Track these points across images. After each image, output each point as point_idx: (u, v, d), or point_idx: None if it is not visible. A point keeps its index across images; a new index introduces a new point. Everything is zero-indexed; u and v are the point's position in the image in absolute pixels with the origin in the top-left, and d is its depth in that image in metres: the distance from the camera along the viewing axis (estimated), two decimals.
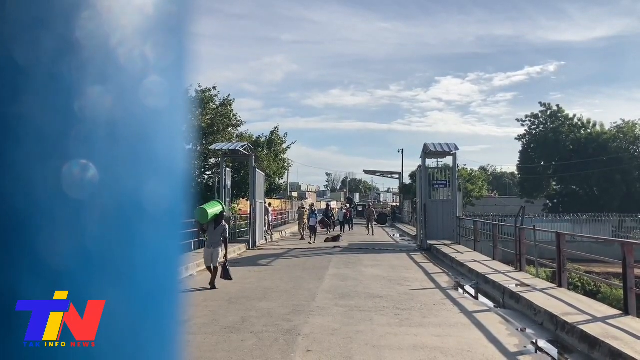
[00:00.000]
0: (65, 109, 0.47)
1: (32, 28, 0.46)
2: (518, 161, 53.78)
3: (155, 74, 0.53)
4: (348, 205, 39.13)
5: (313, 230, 22.71)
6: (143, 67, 0.52)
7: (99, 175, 0.48)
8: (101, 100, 0.49)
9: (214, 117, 25.72)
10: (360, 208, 46.72)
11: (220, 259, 10.63)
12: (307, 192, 77.35)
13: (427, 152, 19.60)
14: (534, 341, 6.85)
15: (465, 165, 47.13)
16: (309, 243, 21.09)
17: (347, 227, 30.18)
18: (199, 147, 24.76)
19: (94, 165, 0.48)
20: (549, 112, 50.53)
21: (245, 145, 20.96)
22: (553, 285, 9.77)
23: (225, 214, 11.69)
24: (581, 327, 6.39)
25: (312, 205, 31.60)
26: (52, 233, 0.46)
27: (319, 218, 28.69)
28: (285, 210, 41.38)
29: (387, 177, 63.66)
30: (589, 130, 48.57)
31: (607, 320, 6.70)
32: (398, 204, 56.56)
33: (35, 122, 0.46)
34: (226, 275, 10.61)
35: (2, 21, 0.45)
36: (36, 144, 0.46)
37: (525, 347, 6.52)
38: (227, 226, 11.31)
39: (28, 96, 0.46)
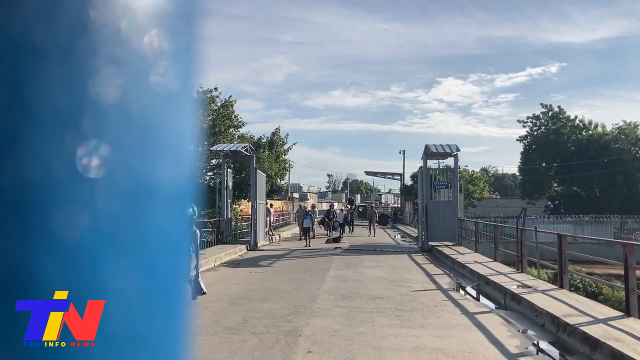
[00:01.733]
0: (79, 90, 0.48)
1: (49, 8, 0.46)
2: (519, 162, 53.73)
3: (165, 63, 0.54)
4: (349, 206, 38.16)
5: (307, 232, 21.38)
6: (154, 56, 0.52)
7: (110, 164, 0.49)
8: (114, 86, 0.49)
9: (215, 118, 25.74)
10: (361, 209, 46.68)
11: (192, 271, 8.52)
12: (308, 193, 77.39)
13: (428, 153, 19.59)
14: (536, 342, 6.84)
15: (466, 166, 47.11)
16: (305, 246, 20.07)
17: (347, 229, 28.61)
18: (200, 148, 24.74)
19: (105, 153, 0.49)
20: (550, 114, 50.49)
21: (246, 146, 20.96)
22: (554, 286, 9.77)
23: (195, 217, 9.47)
24: (583, 328, 6.38)
25: (313, 206, 31.47)
26: (52, 232, 0.46)
27: (319, 218, 28.25)
28: (286, 211, 41.37)
29: (389, 178, 63.67)
30: (590, 132, 48.52)
31: (609, 322, 6.68)
32: (399, 205, 56.56)
33: (53, 102, 0.47)
34: (197, 292, 8.54)
35: (20, 4, 0.45)
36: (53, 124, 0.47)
37: (526, 348, 6.52)
38: (198, 233, 9.14)
39: (45, 76, 0.46)
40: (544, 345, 6.72)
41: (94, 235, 0.48)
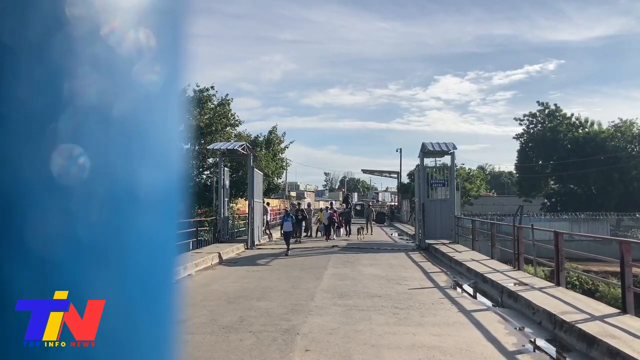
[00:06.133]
0: (54, 91, 0.47)
1: (19, 7, 0.45)
2: (516, 160, 53.86)
3: (149, 62, 0.53)
4: (345, 205, 35.19)
5: (287, 237, 17.36)
6: (137, 55, 0.52)
7: (91, 166, 0.48)
8: (94, 87, 0.48)
9: (212, 116, 25.70)
10: (358, 207, 46.59)
11: None
12: (305, 192, 77.37)
13: (425, 152, 19.60)
14: (533, 340, 6.86)
15: (463, 164, 47.29)
16: (286, 254, 16.61)
17: (343, 231, 25.13)
18: (197, 147, 24.73)
19: (86, 156, 0.48)
20: (547, 111, 50.61)
21: (243, 144, 20.94)
22: (551, 284, 9.78)
23: None
24: (579, 325, 6.40)
25: (309, 204, 31.23)
26: (43, 230, 0.46)
27: (314, 219, 27.03)
28: (283, 209, 41.38)
29: (386, 176, 63.72)
30: (586, 130, 48.66)
31: (605, 319, 6.70)
32: (396, 204, 56.62)
33: (24, 104, 0.45)
34: None
35: None
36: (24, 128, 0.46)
37: (523, 346, 6.53)
38: None
39: (15, 77, 0.45)
40: (540, 342, 6.74)
41: (79, 240, 0.48)
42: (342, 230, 25.21)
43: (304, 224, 23.13)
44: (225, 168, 21.38)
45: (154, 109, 0.54)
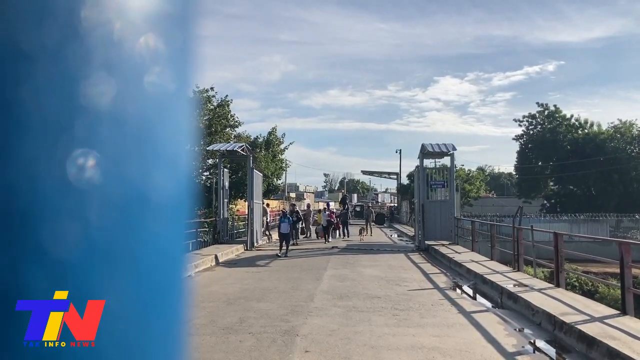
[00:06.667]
0: (70, 98, 0.47)
1: (37, 15, 0.46)
2: (515, 161, 53.83)
3: (159, 66, 0.53)
4: (342, 207, 30.90)
5: (284, 238, 16.96)
6: (147, 59, 0.52)
7: (104, 169, 0.48)
8: (106, 91, 0.49)
9: (211, 117, 25.72)
10: (358, 208, 46.50)
11: None
12: (305, 193, 77.41)
13: (424, 153, 19.60)
14: (532, 341, 6.86)
15: (463, 165, 47.32)
16: (279, 255, 16.50)
17: (337, 233, 25.02)
18: (196, 148, 24.69)
19: (99, 158, 0.48)
20: (546, 112, 50.58)
21: (243, 145, 20.95)
22: (551, 285, 9.79)
23: None
24: (579, 327, 6.40)
25: (308, 205, 31.10)
26: (53, 231, 0.46)
27: (311, 221, 26.54)
28: (281, 210, 41.39)
29: (385, 177, 63.84)
30: (586, 131, 48.63)
31: (605, 320, 6.71)
32: (396, 204, 56.67)
33: (40, 110, 0.46)
34: None
35: (6, 7, 0.45)
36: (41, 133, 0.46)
37: (523, 347, 6.53)
38: None
39: (33, 84, 0.46)
40: (540, 344, 6.74)
41: (89, 243, 0.48)
42: (339, 231, 25.24)
43: (299, 225, 22.85)
44: (225, 169, 21.39)
45: (165, 112, 0.55)
